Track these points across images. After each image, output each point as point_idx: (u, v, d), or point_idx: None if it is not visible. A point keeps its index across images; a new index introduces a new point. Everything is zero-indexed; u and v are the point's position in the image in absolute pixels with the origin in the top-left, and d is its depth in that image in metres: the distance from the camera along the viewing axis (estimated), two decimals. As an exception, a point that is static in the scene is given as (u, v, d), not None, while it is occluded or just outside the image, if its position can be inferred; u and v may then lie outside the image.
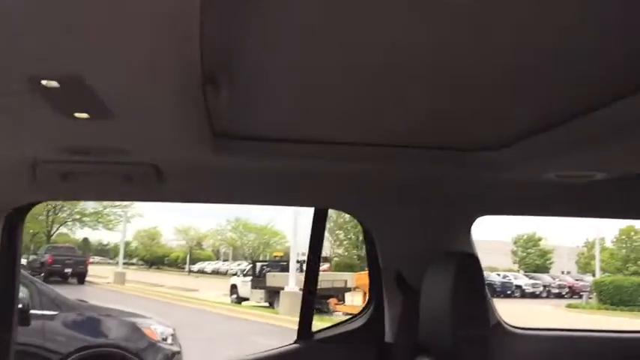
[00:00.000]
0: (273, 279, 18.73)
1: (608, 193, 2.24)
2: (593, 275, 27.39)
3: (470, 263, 1.93)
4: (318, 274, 2.51)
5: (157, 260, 38.40)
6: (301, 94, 1.50)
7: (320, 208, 2.45)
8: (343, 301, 17.79)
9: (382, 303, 2.43)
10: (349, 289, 18.25)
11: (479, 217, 2.45)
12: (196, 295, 21.50)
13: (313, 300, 2.53)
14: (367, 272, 2.60)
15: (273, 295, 18.12)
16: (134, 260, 38.34)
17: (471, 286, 1.89)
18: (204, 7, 0.87)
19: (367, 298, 2.61)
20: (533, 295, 25.32)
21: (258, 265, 20.86)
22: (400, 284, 2.35)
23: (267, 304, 18.36)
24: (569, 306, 23.07)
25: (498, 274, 26.29)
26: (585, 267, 30.35)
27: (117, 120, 1.42)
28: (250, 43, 1.16)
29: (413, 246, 2.34)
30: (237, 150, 1.89)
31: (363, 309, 2.56)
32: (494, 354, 2.04)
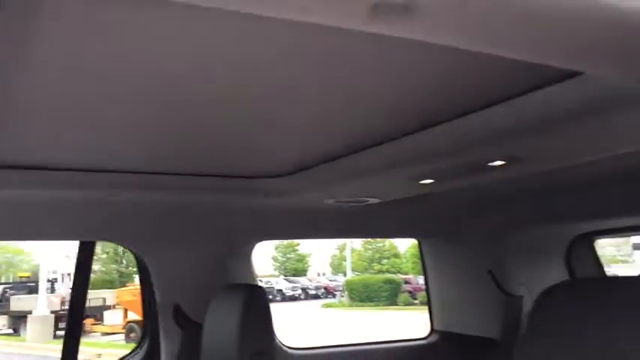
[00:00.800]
0: (18, 302, 16.74)
1: (379, 214, 2.39)
2: (345, 275, 29.79)
3: (257, 295, 1.88)
4: (83, 313, 2.24)
5: None
6: (63, 120, 1.30)
7: (87, 240, 2.18)
8: (102, 320, 16.67)
9: (158, 338, 2.26)
10: (109, 307, 17.19)
11: (259, 242, 2.43)
12: None
13: (78, 340, 2.25)
14: (129, 288, 2.40)
15: (18, 320, 16.19)
16: None
17: (259, 317, 1.85)
18: None
19: (128, 319, 2.41)
20: (293, 298, 26.58)
21: (0, 287, 18.47)
22: (179, 318, 2.20)
23: (11, 331, 16.33)
24: (324, 305, 24.74)
25: (261, 281, 27.07)
26: (338, 268, 32.89)
27: None
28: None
29: (193, 277, 2.22)
30: None
31: (137, 346, 2.36)
32: None
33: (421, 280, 3.09)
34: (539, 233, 2.60)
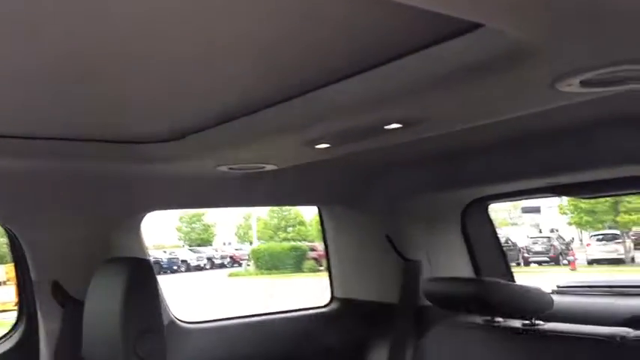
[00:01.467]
0: None
1: (277, 182, 2.30)
2: (251, 244, 29.75)
3: (142, 269, 1.74)
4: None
5: None
6: None
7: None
8: (-10, 298, 15.71)
9: (36, 318, 2.07)
10: (-2, 284, 16.21)
11: (149, 212, 2.27)
12: None
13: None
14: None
15: None
16: None
17: (144, 293, 1.72)
18: None
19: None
20: (199, 268, 26.30)
21: None
22: (58, 296, 2.03)
23: None
24: (231, 274, 24.68)
25: (165, 252, 26.53)
26: (244, 237, 32.76)
27: None
28: None
29: (73, 251, 2.04)
30: None
31: (12, 329, 2.15)
32: (171, 353, 1.91)
33: (327, 247, 3.04)
34: (437, 199, 2.62)
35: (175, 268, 25.08)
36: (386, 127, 1.48)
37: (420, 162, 2.32)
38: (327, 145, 1.69)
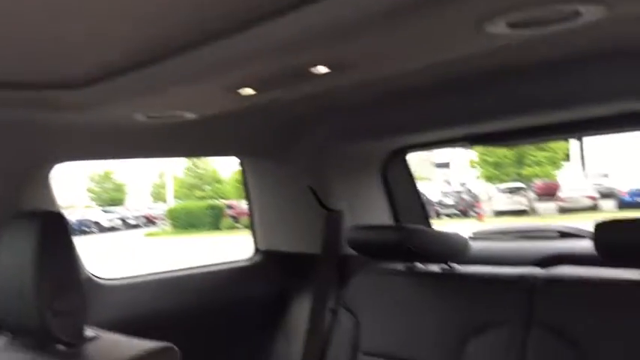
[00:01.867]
0: None
1: (198, 132, 2.22)
2: (165, 202, 29.19)
3: (54, 222, 1.64)
4: None
5: None
6: None
7: None
8: None
9: None
10: None
11: (59, 163, 2.13)
12: None
13: None
14: None
15: None
16: None
17: (59, 248, 1.62)
18: None
19: None
20: (112, 229, 25.60)
21: None
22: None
23: None
24: (147, 234, 24.20)
25: (75, 212, 25.54)
26: (159, 196, 32.04)
27: None
28: None
29: None
30: None
31: None
32: (89, 311, 1.84)
33: (245, 205, 3.01)
34: (358, 148, 2.63)
35: (86, 229, 24.26)
36: (312, 70, 1.44)
37: (341, 111, 2.31)
38: (252, 92, 1.63)
